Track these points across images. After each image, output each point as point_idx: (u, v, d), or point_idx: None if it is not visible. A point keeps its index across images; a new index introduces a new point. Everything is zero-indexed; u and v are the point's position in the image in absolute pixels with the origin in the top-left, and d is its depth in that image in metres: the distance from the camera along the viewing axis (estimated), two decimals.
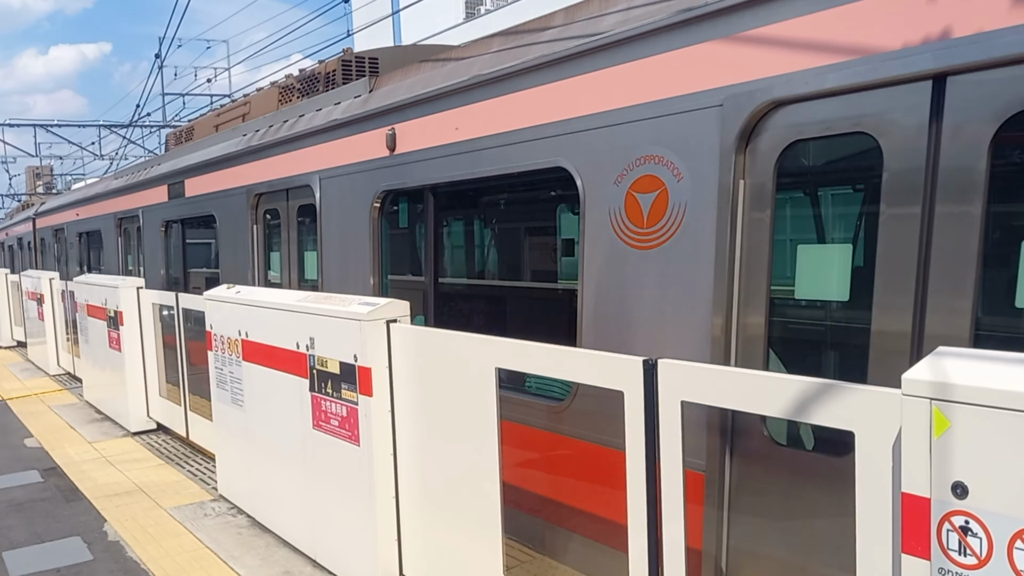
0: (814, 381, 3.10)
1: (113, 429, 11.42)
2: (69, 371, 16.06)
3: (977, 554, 2.54)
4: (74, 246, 19.82)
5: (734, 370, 3.51)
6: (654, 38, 4.80)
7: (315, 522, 6.28)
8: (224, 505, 7.80)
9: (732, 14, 4.37)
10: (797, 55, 4.09)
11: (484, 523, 4.81)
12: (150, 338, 10.89)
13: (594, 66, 5.20)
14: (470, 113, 6.28)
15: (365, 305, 5.53)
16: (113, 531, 7.28)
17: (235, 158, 10.36)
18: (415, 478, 5.42)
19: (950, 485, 2.56)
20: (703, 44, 4.52)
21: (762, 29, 4.25)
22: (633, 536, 3.82)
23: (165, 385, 10.84)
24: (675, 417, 3.56)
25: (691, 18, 4.55)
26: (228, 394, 7.50)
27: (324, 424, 5.96)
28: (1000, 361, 2.59)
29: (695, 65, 4.55)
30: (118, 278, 11.67)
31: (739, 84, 4.33)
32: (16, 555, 6.84)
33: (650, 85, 4.82)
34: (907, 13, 3.64)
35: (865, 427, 2.95)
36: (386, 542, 5.55)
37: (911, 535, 2.68)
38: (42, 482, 8.88)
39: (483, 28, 14.53)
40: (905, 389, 2.65)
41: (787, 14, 4.14)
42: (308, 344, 6.05)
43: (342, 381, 5.68)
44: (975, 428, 2.50)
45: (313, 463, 6.19)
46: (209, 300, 7.66)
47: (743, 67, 4.32)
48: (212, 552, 6.71)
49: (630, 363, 3.74)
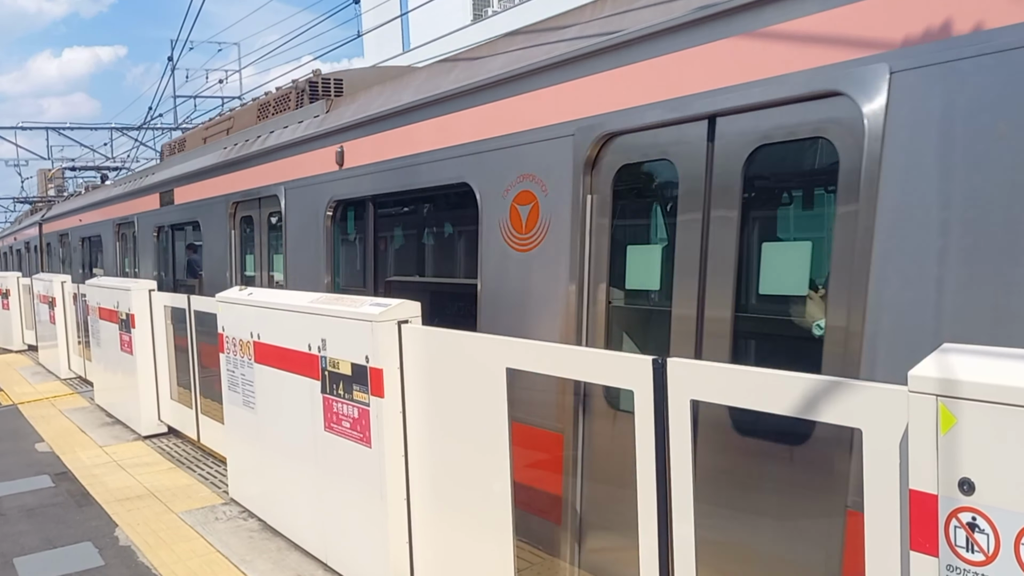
0: (822, 379, 3.12)
1: (124, 433, 11.47)
2: (80, 375, 16.13)
3: (984, 550, 2.55)
4: (77, 250, 21.30)
5: (743, 369, 3.52)
6: (528, 78, 5.97)
7: (326, 525, 6.31)
8: (235, 509, 7.83)
9: (579, 62, 5.56)
10: (626, 96, 5.23)
11: (495, 524, 4.82)
12: (161, 341, 10.93)
13: (485, 100, 6.41)
14: (395, 136, 7.58)
15: (376, 306, 5.56)
16: (124, 536, 7.31)
17: (217, 169, 11.65)
18: (426, 480, 5.44)
19: (957, 482, 2.58)
20: (561, 84, 5.71)
21: (602, 74, 5.40)
22: (644, 535, 3.84)
23: (176, 388, 10.88)
24: (684, 415, 3.58)
25: (553, 63, 5.74)
26: (240, 396, 7.54)
27: (335, 426, 5.99)
28: (1005, 357, 2.61)
29: (556, 101, 5.74)
30: (130, 280, 11.74)
31: (586, 118, 5.47)
32: (27, 561, 6.88)
33: (527, 117, 6.00)
34: (696, 66, 4.81)
35: (872, 424, 2.96)
36: (397, 544, 5.57)
37: (919, 532, 2.69)
38: (53, 487, 8.93)
39: (491, 29, 14.53)
40: (911, 386, 2.67)
41: (617, 63, 5.30)
42: (320, 345, 6.08)
43: (353, 382, 5.70)
44: (981, 424, 2.51)
45: (324, 465, 6.22)
46: (221, 302, 7.71)
47: (589, 104, 5.48)
48: (223, 556, 6.74)
49: (640, 362, 3.76)
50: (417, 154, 7.17)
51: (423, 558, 5.54)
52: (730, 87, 4.59)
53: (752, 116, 4.56)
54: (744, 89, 4.52)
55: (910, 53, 3.81)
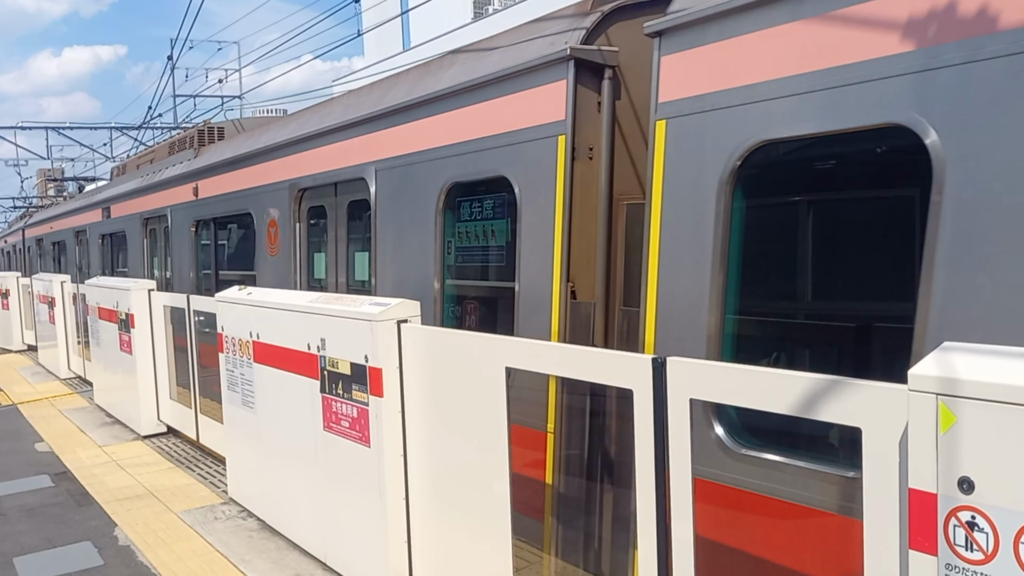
0: (822, 378, 3.11)
1: (124, 433, 11.48)
2: (80, 375, 16.14)
3: (983, 549, 2.54)
4: (48, 253, 26.27)
5: (742, 368, 3.51)
6: (267, 153, 9.64)
7: (325, 524, 6.30)
8: (235, 508, 7.83)
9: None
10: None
11: (494, 524, 4.82)
12: (161, 341, 10.93)
13: (259, 162, 10.44)
14: (219, 179, 11.88)
15: (376, 305, 5.55)
16: (124, 535, 7.31)
17: (134, 192, 16.14)
18: (425, 479, 5.43)
19: (956, 480, 2.57)
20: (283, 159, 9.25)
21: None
22: (643, 535, 3.83)
23: (176, 388, 10.88)
24: (684, 415, 3.57)
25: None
26: (239, 396, 7.53)
27: (335, 425, 5.98)
28: (1006, 356, 2.60)
29: (282, 167, 9.41)
30: (129, 280, 11.77)
31: (292, 179, 9.05)
32: (27, 560, 6.88)
33: (273, 175, 9.88)
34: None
35: (872, 423, 2.95)
36: (396, 544, 5.56)
37: (918, 531, 2.68)
38: (53, 487, 8.94)
39: (491, 28, 14.47)
40: (911, 385, 2.66)
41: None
42: (319, 345, 6.07)
43: (353, 382, 5.70)
44: (981, 423, 2.51)
45: (324, 465, 6.22)
46: (221, 302, 7.70)
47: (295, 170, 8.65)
48: (223, 556, 6.73)
49: (639, 361, 3.75)
50: (229, 192, 11.51)
51: (422, 557, 5.54)
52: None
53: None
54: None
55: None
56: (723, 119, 4.45)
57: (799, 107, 4.07)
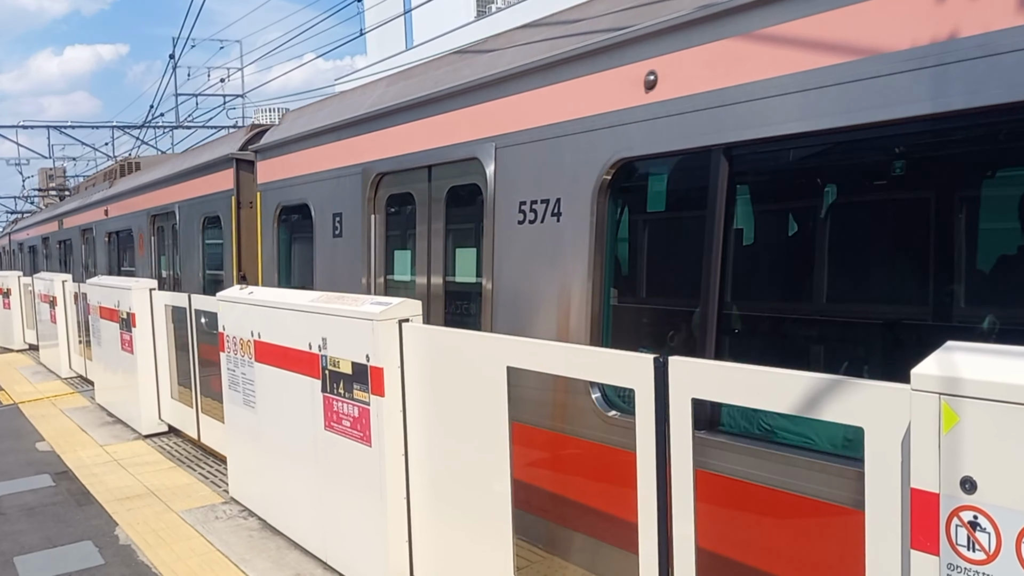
0: (824, 377, 3.10)
1: (124, 432, 11.48)
2: (81, 374, 16.14)
3: (985, 549, 2.54)
4: (27, 255, 31.77)
5: (744, 367, 3.50)
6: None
7: (326, 524, 6.30)
8: (235, 508, 7.83)
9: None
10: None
11: (495, 524, 4.81)
12: (162, 340, 10.93)
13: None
14: (120, 205, 16.79)
15: (377, 305, 5.54)
16: (124, 535, 7.31)
17: (76, 209, 21.50)
18: (426, 479, 5.43)
19: (959, 480, 2.57)
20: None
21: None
22: (644, 535, 3.82)
23: (177, 387, 10.88)
24: (686, 414, 3.56)
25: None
26: (240, 395, 7.53)
27: (336, 425, 5.98)
28: (1008, 355, 2.59)
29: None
30: (130, 280, 11.78)
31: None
32: (27, 560, 6.88)
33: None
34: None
35: (874, 423, 2.95)
36: (397, 543, 5.56)
37: (920, 531, 2.68)
38: (53, 486, 8.94)
39: (494, 26, 14.48)
40: (914, 384, 2.65)
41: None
42: (320, 344, 6.07)
43: (354, 381, 5.69)
44: (983, 423, 2.50)
45: (324, 464, 6.21)
46: (222, 301, 7.70)
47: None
48: (223, 555, 6.73)
49: (640, 361, 3.74)
50: (130, 213, 15.93)
51: (423, 556, 5.53)
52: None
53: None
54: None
55: None
56: (274, 192, 9.94)
57: (300, 192, 9.27)
